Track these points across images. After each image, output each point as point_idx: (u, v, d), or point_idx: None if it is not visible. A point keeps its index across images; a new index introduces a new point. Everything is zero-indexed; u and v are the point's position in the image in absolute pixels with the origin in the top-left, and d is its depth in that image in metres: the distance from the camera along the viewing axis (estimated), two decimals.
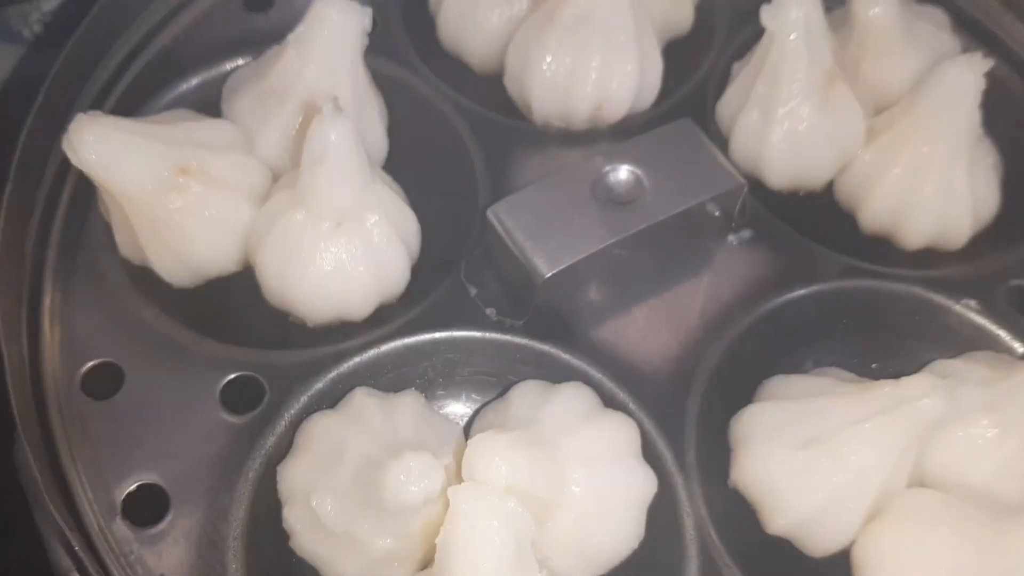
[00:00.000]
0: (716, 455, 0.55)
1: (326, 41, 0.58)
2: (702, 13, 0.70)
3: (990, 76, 0.58)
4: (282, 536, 0.51)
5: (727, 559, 0.52)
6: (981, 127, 0.60)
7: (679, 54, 0.69)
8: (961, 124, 0.59)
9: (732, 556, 0.52)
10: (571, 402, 0.52)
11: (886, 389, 0.50)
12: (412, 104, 0.65)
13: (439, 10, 0.68)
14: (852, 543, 0.52)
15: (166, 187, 0.54)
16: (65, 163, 0.59)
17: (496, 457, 0.46)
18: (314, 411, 0.53)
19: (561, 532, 0.49)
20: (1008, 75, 0.69)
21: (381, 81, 0.64)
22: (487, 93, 0.66)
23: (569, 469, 0.49)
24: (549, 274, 0.54)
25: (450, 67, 0.68)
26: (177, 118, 0.58)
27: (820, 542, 0.52)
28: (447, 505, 0.44)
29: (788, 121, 0.61)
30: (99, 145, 0.52)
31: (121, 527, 0.51)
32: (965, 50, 0.65)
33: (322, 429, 0.51)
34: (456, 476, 0.48)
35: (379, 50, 0.64)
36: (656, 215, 0.56)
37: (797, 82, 0.60)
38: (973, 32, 0.70)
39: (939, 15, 0.66)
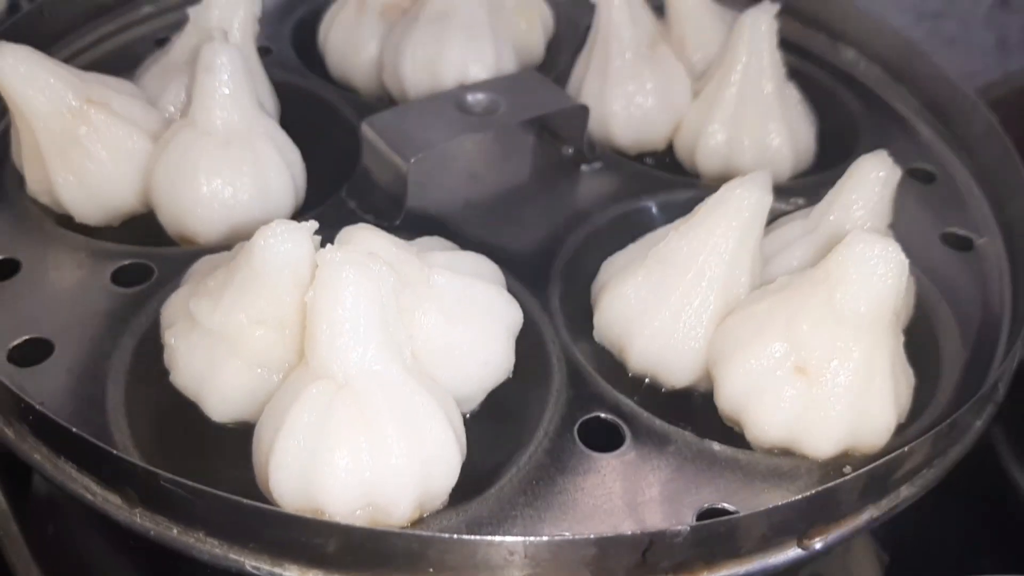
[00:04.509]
0: (581, 322, 0.59)
1: (218, 19, 0.68)
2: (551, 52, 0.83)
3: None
4: (164, 377, 0.53)
5: (591, 372, 0.55)
6: (784, 68, 0.71)
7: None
8: (765, 63, 0.69)
9: (597, 370, 0.55)
10: (432, 242, 0.57)
11: (709, 198, 0.55)
12: (302, 100, 0.74)
13: (325, 44, 0.79)
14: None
15: (75, 112, 0.61)
16: None
17: (363, 231, 0.51)
18: None
19: (428, 327, 0.52)
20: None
21: (275, 86, 0.73)
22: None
23: (434, 273, 0.53)
24: (414, 158, 0.61)
25: None
26: None
27: (677, 366, 0.55)
28: None
29: (621, 82, 0.71)
30: (18, 65, 0.60)
31: (5, 366, 0.53)
32: None
33: (203, 262, 0.55)
34: None
35: (273, 65, 0.74)
36: (510, 120, 0.65)
37: (625, 46, 0.71)
38: None
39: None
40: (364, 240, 0.50)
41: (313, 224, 0.49)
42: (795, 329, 0.50)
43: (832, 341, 0.49)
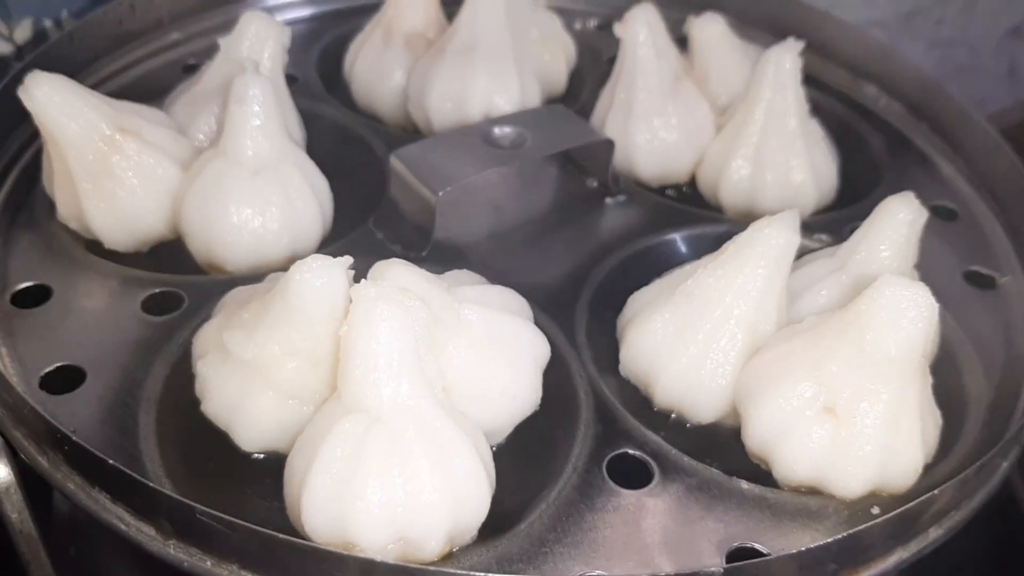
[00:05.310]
0: (607, 355, 0.59)
1: (249, 49, 0.69)
2: (574, 83, 0.83)
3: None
4: (194, 406, 0.53)
5: (619, 407, 0.55)
6: (808, 104, 0.71)
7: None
8: (788, 99, 0.70)
9: (623, 404, 0.55)
10: (461, 275, 0.58)
11: (738, 237, 0.56)
12: (329, 129, 0.74)
13: (351, 72, 0.80)
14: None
15: (107, 141, 0.62)
16: (16, 153, 0.67)
17: (396, 266, 0.51)
18: None
19: (458, 361, 0.52)
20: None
21: (301, 114, 0.74)
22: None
23: (464, 308, 0.53)
24: (442, 191, 0.62)
25: None
26: None
27: (704, 403, 0.56)
28: None
29: (645, 115, 0.72)
30: (53, 94, 0.60)
31: (38, 394, 0.53)
32: None
33: (236, 293, 0.55)
34: None
35: (298, 93, 0.75)
36: (536, 154, 0.65)
37: (650, 80, 0.71)
38: None
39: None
40: (397, 275, 0.51)
41: (348, 259, 0.50)
42: (824, 370, 0.51)
43: (861, 382, 0.50)
